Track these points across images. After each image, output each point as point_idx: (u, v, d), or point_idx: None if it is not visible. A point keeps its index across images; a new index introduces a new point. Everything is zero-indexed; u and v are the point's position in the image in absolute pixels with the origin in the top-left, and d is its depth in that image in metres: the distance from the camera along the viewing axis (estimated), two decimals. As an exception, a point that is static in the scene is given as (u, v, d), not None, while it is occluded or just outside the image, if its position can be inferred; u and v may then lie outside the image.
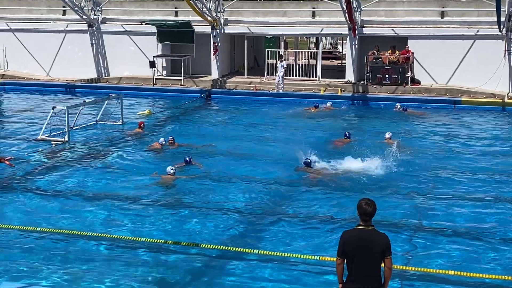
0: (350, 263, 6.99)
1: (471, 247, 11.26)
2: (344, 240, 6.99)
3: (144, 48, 32.79)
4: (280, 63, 29.47)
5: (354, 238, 6.96)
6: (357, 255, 6.90)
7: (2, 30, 35.44)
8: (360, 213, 7.00)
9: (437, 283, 9.79)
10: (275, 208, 13.45)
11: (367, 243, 6.91)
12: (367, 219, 6.98)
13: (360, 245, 6.91)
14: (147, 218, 12.76)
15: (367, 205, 6.97)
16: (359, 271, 6.94)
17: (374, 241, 6.94)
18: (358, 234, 6.97)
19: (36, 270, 10.19)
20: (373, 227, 7.01)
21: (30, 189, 14.71)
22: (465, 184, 15.21)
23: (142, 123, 21.53)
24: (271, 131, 21.98)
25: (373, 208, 6.96)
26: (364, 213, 6.96)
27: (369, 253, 6.91)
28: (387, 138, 19.42)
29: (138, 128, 21.34)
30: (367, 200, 7.05)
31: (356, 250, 6.91)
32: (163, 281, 9.92)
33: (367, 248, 6.90)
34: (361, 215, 7.01)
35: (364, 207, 6.96)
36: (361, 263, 6.91)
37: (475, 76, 28.01)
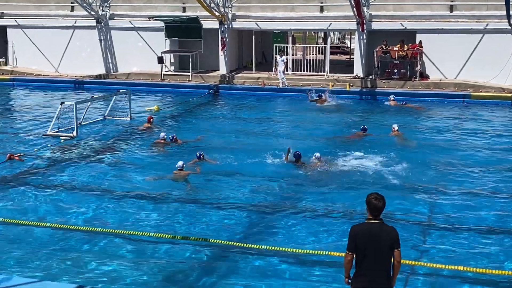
0: (360, 258, 6.95)
1: (480, 242, 11.22)
2: (354, 235, 6.96)
3: (152, 44, 32.79)
4: (280, 57, 29.33)
5: (364, 232, 6.93)
6: (368, 249, 6.88)
7: (11, 27, 35.58)
8: (371, 208, 6.98)
9: (447, 278, 9.76)
10: (284, 203, 13.44)
11: (376, 237, 6.90)
12: (377, 214, 6.97)
13: (370, 239, 6.89)
14: (155, 213, 12.78)
15: (377, 200, 6.95)
16: (369, 265, 6.92)
17: (383, 234, 6.93)
18: (368, 228, 6.95)
19: (44, 265, 10.24)
20: (381, 221, 7.00)
21: (39, 184, 14.77)
22: (475, 179, 15.15)
23: (151, 118, 21.56)
24: (280, 126, 21.96)
25: (383, 202, 6.95)
26: (374, 208, 6.95)
27: (379, 247, 6.89)
28: (395, 130, 19.34)
29: (147, 123, 21.37)
30: (376, 194, 7.03)
31: (366, 244, 6.89)
32: (172, 275, 9.94)
33: (376, 242, 6.89)
34: (371, 210, 6.99)
35: (374, 202, 6.95)
36: (371, 257, 6.90)
37: (484, 70, 27.85)
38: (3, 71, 34.81)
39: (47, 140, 19.42)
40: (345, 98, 26.82)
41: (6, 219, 12.27)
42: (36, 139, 19.62)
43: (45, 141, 19.22)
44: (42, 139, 19.54)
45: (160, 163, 16.63)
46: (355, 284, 7.07)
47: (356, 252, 6.96)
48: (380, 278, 6.95)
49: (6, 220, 12.20)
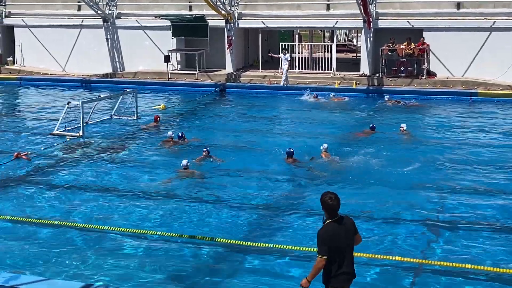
0: (336, 256, 7.07)
1: (489, 240, 11.18)
2: (325, 239, 7.04)
3: (159, 43, 32.82)
4: (284, 56, 29.26)
5: (333, 234, 7.05)
6: (340, 246, 7.06)
7: (18, 26, 35.71)
8: (327, 208, 7.07)
9: (453, 276, 9.73)
10: (290, 202, 13.42)
11: (345, 233, 7.11)
12: (334, 212, 7.08)
13: (340, 236, 7.06)
14: (162, 212, 12.79)
15: (331, 200, 7.05)
16: (345, 261, 7.12)
17: (347, 229, 7.15)
18: (334, 228, 7.07)
19: (51, 263, 10.27)
20: (339, 216, 7.14)
21: (46, 183, 14.82)
22: (483, 177, 15.09)
23: (157, 117, 21.59)
24: (286, 125, 21.96)
25: (337, 201, 7.06)
26: (331, 208, 7.06)
27: (348, 243, 7.15)
28: (403, 130, 19.29)
29: (154, 122, 21.40)
30: (331, 194, 7.12)
31: (344, 241, 7.08)
32: (177, 274, 9.94)
33: (345, 238, 7.11)
34: (328, 211, 7.08)
35: (330, 202, 7.05)
36: (343, 253, 7.09)
37: (492, 68, 27.73)
38: (10, 70, 34.94)
39: (53, 139, 19.46)
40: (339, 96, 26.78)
41: (13, 217, 12.31)
42: (42, 138, 19.68)
43: (52, 140, 19.27)
44: (48, 138, 19.60)
45: (167, 161, 16.64)
46: (336, 284, 7.17)
47: (330, 254, 7.04)
48: (353, 267, 7.25)
49: (13, 218, 12.25)
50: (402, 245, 10.97)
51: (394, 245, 10.97)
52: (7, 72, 34.86)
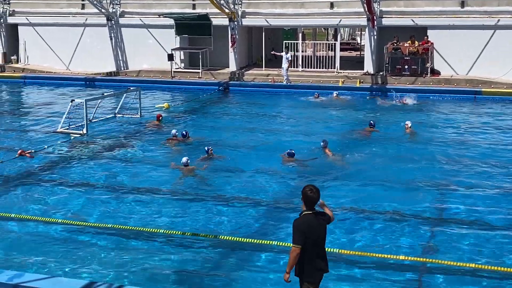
0: (310, 248, 7.23)
1: (492, 239, 11.16)
2: (303, 228, 7.18)
3: (162, 41, 32.84)
4: (285, 54, 29.19)
5: (310, 225, 7.23)
6: (314, 239, 7.24)
7: (22, 25, 35.77)
8: (307, 200, 7.28)
9: (457, 275, 9.70)
10: (293, 200, 13.39)
11: (319, 227, 7.33)
12: (313, 206, 7.32)
13: (315, 229, 7.26)
14: (165, 209, 12.79)
15: (312, 192, 7.26)
16: (316, 253, 7.32)
17: (321, 223, 7.38)
18: (310, 220, 7.26)
19: (56, 261, 10.28)
20: (315, 210, 7.35)
21: (49, 180, 14.83)
22: (486, 175, 15.04)
23: (160, 116, 21.60)
24: (290, 123, 21.93)
25: (317, 195, 7.28)
26: (310, 201, 7.27)
27: (321, 237, 7.38)
28: (408, 127, 19.24)
29: (156, 120, 21.41)
30: (312, 187, 7.32)
31: (317, 234, 7.27)
32: (181, 271, 9.94)
33: (319, 232, 7.33)
34: (307, 203, 7.29)
35: (310, 194, 7.25)
36: (316, 246, 7.29)
37: (496, 66, 27.68)
38: (14, 69, 35.00)
39: (57, 137, 19.48)
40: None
41: (17, 215, 12.32)
42: (46, 136, 19.71)
43: (55, 138, 19.29)
44: (52, 136, 19.62)
45: (171, 159, 16.63)
46: (309, 277, 7.33)
47: (304, 245, 7.18)
48: (325, 263, 7.48)
49: (17, 216, 12.25)
50: (402, 243, 10.96)
51: (394, 243, 10.97)
52: (11, 70, 34.92)
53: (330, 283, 9.49)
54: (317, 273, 7.36)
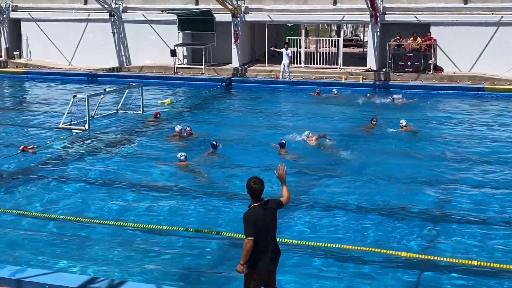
0: (260, 239, 7.34)
1: (492, 236, 11.14)
2: (252, 221, 7.30)
3: (165, 37, 32.81)
4: (285, 51, 29.10)
5: (258, 216, 7.34)
6: (266, 229, 7.38)
7: (24, 20, 35.76)
8: (252, 192, 7.42)
9: (457, 273, 9.69)
10: (294, 196, 13.38)
11: (268, 217, 7.43)
12: (258, 197, 7.44)
13: (266, 220, 7.39)
14: (168, 205, 12.80)
15: (256, 184, 7.40)
16: (268, 242, 7.43)
17: (270, 213, 7.48)
18: (259, 211, 7.38)
19: (58, 257, 10.30)
20: (263, 201, 7.47)
21: (51, 176, 14.83)
22: (489, 172, 15.04)
23: (158, 113, 21.61)
24: (293, 119, 21.92)
25: (261, 186, 7.41)
26: (255, 192, 7.40)
27: (271, 226, 7.48)
28: (403, 126, 19.13)
29: (153, 117, 21.43)
30: (255, 179, 7.45)
31: (264, 225, 7.35)
32: (183, 267, 9.95)
33: (269, 221, 7.44)
34: (252, 194, 7.43)
35: (254, 186, 7.39)
36: (267, 236, 7.41)
37: (499, 63, 27.61)
38: (17, 64, 35.01)
39: (59, 133, 19.50)
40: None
41: (19, 211, 12.34)
42: (48, 132, 19.73)
43: (58, 134, 19.30)
44: (54, 132, 19.64)
45: (173, 155, 16.63)
46: (262, 266, 7.44)
47: (256, 236, 7.31)
48: (277, 249, 7.60)
49: (19, 212, 12.27)
50: (402, 240, 10.97)
51: (393, 240, 10.97)
52: (14, 66, 34.94)
53: (329, 281, 9.52)
54: (270, 262, 7.51)
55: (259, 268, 7.45)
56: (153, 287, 8.45)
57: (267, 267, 7.49)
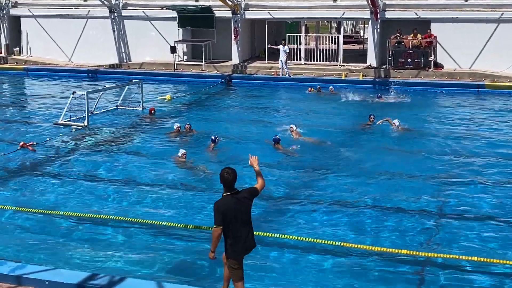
0: (231, 227, 7.53)
1: (493, 233, 11.14)
2: (222, 210, 7.47)
3: (165, 34, 32.78)
4: (283, 47, 29.07)
5: (228, 205, 7.52)
6: (237, 217, 7.53)
7: (24, 16, 35.73)
8: (224, 182, 7.63)
9: (458, 270, 9.69)
10: (294, 193, 13.39)
11: (240, 207, 7.58)
12: (231, 186, 7.63)
13: (237, 208, 7.55)
14: (165, 201, 12.79)
15: (228, 174, 7.60)
16: (239, 231, 7.60)
17: (243, 202, 7.64)
18: (230, 200, 7.56)
19: (55, 253, 10.31)
20: (236, 190, 7.67)
21: (50, 173, 14.84)
22: (488, 169, 15.02)
23: (152, 109, 21.61)
24: (293, 116, 21.87)
25: (233, 176, 7.62)
26: (227, 182, 7.60)
27: (242, 215, 7.61)
28: (395, 125, 18.89)
29: (149, 114, 21.43)
30: (228, 169, 7.67)
31: (235, 214, 7.51)
32: (182, 264, 9.95)
33: (240, 211, 7.58)
34: (225, 184, 7.63)
35: (226, 176, 7.60)
36: (238, 224, 7.58)
37: (499, 60, 27.59)
38: (17, 61, 34.99)
39: (58, 129, 19.48)
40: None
41: (19, 207, 12.32)
42: (48, 128, 19.72)
43: (57, 130, 19.29)
44: (53, 128, 19.62)
45: (171, 152, 16.64)
46: (234, 254, 7.66)
47: (226, 225, 7.49)
48: (252, 239, 7.80)
49: (19, 209, 12.26)
50: (401, 237, 10.98)
51: (393, 237, 10.98)
52: (13, 62, 34.92)
53: (330, 276, 9.52)
54: (242, 251, 7.71)
55: (234, 258, 7.70)
56: (153, 283, 8.47)
57: (241, 254, 7.73)
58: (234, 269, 7.76)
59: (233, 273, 7.79)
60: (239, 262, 7.74)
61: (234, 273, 7.78)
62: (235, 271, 7.76)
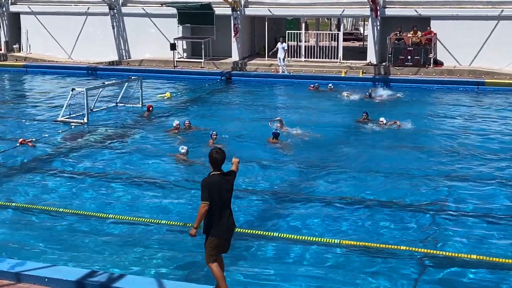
0: (216, 206, 7.68)
1: (493, 230, 11.14)
2: (209, 187, 7.65)
3: (165, 31, 32.74)
4: (281, 44, 29.04)
5: (215, 183, 7.70)
6: (222, 196, 7.72)
7: (24, 13, 35.68)
8: (212, 162, 7.83)
9: (458, 267, 9.69)
10: (293, 190, 13.40)
11: (225, 187, 7.78)
12: (219, 166, 7.83)
13: (223, 188, 7.75)
14: (165, 199, 12.79)
15: (217, 154, 7.83)
16: (222, 211, 7.75)
17: (228, 183, 7.86)
18: (217, 179, 7.75)
19: (55, 250, 10.31)
20: (222, 171, 7.87)
21: (49, 170, 14.84)
22: (488, 166, 15.03)
23: (150, 107, 21.59)
24: (292, 113, 21.87)
25: (222, 156, 7.83)
26: (215, 161, 7.81)
27: (227, 196, 7.82)
28: (383, 123, 18.72)
29: (146, 111, 21.42)
30: (218, 149, 7.94)
31: (220, 193, 7.69)
32: (182, 261, 9.95)
33: (226, 191, 7.78)
34: (213, 164, 7.84)
35: (215, 155, 7.82)
36: (222, 204, 7.74)
37: (499, 57, 27.56)
38: (16, 58, 34.96)
39: (58, 126, 19.48)
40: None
41: (18, 204, 12.33)
42: (47, 125, 19.72)
43: (56, 127, 19.29)
44: (53, 125, 19.62)
45: (170, 149, 16.65)
46: (215, 233, 7.75)
47: (212, 202, 7.64)
48: (232, 220, 7.93)
49: (18, 205, 12.26)
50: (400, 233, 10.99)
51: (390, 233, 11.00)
52: (13, 59, 34.89)
53: (329, 274, 9.52)
54: (224, 230, 7.80)
55: (216, 236, 7.78)
56: (152, 280, 8.48)
57: (223, 234, 7.81)
58: (212, 249, 7.82)
59: (210, 254, 7.84)
60: (218, 242, 7.80)
61: (211, 253, 7.83)
62: (212, 251, 7.82)
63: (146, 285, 8.29)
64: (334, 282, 9.26)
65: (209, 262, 7.86)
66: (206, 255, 7.89)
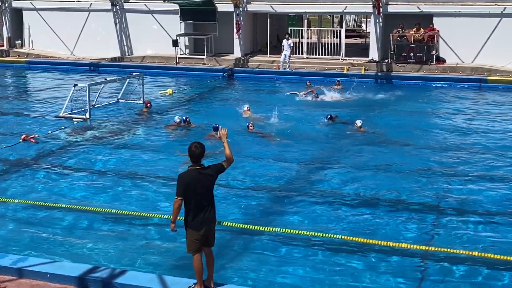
0: (192, 200, 7.73)
1: (494, 228, 11.14)
2: (184, 182, 7.69)
3: (167, 27, 32.73)
4: (287, 41, 28.99)
5: (193, 178, 7.72)
6: (197, 191, 7.72)
7: (26, 9, 35.69)
8: (191, 155, 7.81)
9: (459, 264, 9.69)
10: (295, 187, 13.40)
11: (204, 181, 7.77)
12: (197, 160, 7.83)
13: (199, 183, 7.73)
14: (165, 194, 12.79)
15: (196, 148, 7.80)
16: (201, 204, 7.78)
17: (206, 177, 7.82)
18: (194, 173, 7.76)
19: (57, 246, 10.34)
20: (202, 166, 7.87)
21: (52, 165, 14.85)
22: (489, 163, 15.02)
23: (148, 103, 21.58)
24: (292, 111, 21.85)
25: (200, 150, 7.81)
26: (193, 155, 7.80)
27: (205, 189, 7.80)
28: (357, 127, 18.15)
29: (144, 107, 21.42)
30: (197, 143, 7.88)
31: (195, 187, 7.69)
32: (183, 257, 9.95)
33: (203, 185, 7.77)
34: (191, 157, 7.83)
35: (193, 149, 7.80)
36: (200, 198, 7.76)
37: (502, 54, 27.53)
38: (19, 54, 34.99)
39: (60, 122, 19.50)
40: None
41: (21, 200, 12.33)
42: (49, 121, 19.75)
43: (59, 123, 19.31)
44: (55, 121, 19.64)
45: (171, 144, 16.67)
46: (194, 226, 7.81)
47: (187, 197, 7.71)
48: (213, 213, 7.95)
49: (21, 201, 12.27)
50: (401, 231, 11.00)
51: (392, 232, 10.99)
52: (15, 55, 34.93)
53: (330, 271, 9.53)
54: (202, 223, 7.84)
55: (192, 229, 7.85)
56: (153, 276, 8.50)
57: (198, 228, 7.82)
58: (191, 241, 7.91)
59: (188, 245, 7.95)
60: (198, 235, 7.85)
61: (190, 244, 7.94)
62: (191, 243, 7.91)
63: (147, 281, 8.32)
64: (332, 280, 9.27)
65: (193, 252, 7.97)
66: (187, 246, 8.02)
